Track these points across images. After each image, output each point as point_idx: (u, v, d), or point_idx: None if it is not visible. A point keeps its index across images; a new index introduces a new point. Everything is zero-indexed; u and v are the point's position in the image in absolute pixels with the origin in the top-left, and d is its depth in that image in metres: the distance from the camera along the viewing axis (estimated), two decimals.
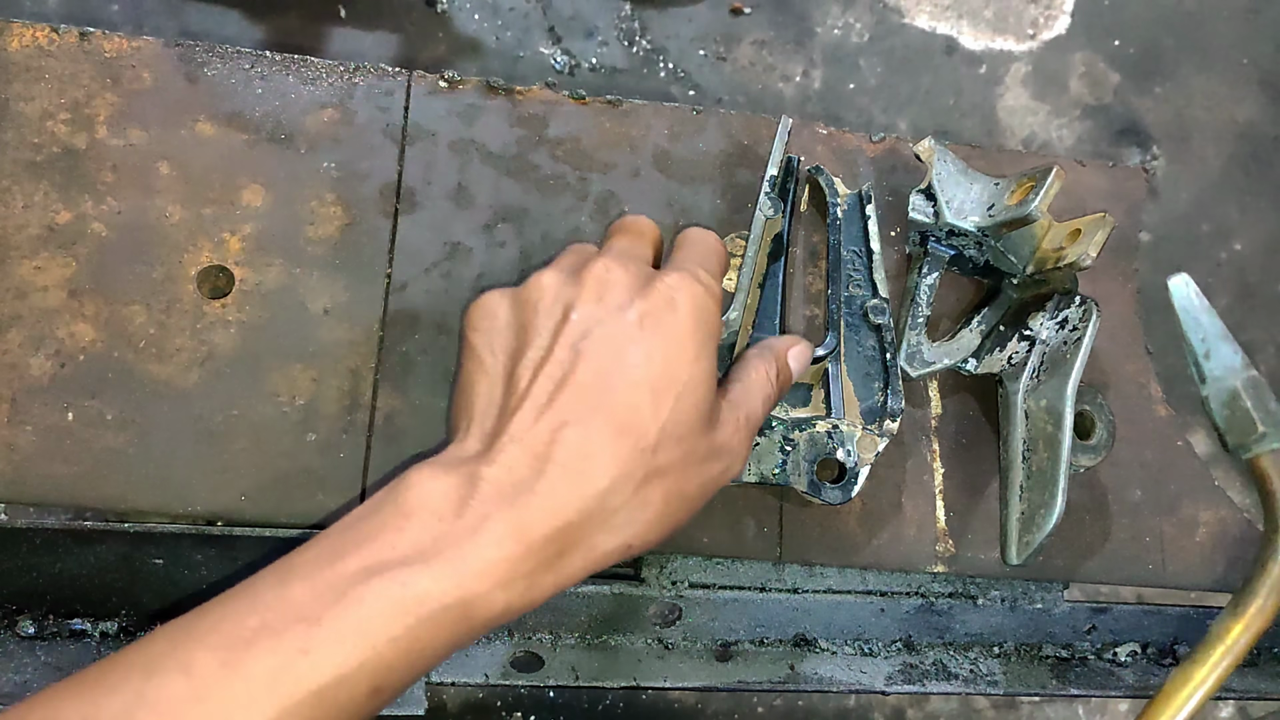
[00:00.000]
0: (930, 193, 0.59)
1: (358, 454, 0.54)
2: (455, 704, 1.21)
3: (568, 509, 0.41)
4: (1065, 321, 0.58)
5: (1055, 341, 0.58)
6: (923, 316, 0.60)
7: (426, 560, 0.39)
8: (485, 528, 0.40)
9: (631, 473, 0.42)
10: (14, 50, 0.56)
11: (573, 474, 0.41)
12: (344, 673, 0.37)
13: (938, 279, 0.60)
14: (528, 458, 0.42)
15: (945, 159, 0.59)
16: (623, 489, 0.42)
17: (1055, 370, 0.57)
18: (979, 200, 0.58)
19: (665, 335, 0.44)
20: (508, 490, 0.41)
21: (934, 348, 0.60)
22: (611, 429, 0.42)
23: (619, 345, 0.43)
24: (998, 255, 0.59)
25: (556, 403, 0.42)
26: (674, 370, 0.43)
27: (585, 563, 0.43)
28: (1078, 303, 0.58)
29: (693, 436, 0.44)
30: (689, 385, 0.44)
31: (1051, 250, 0.57)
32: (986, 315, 0.61)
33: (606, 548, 0.43)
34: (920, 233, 0.61)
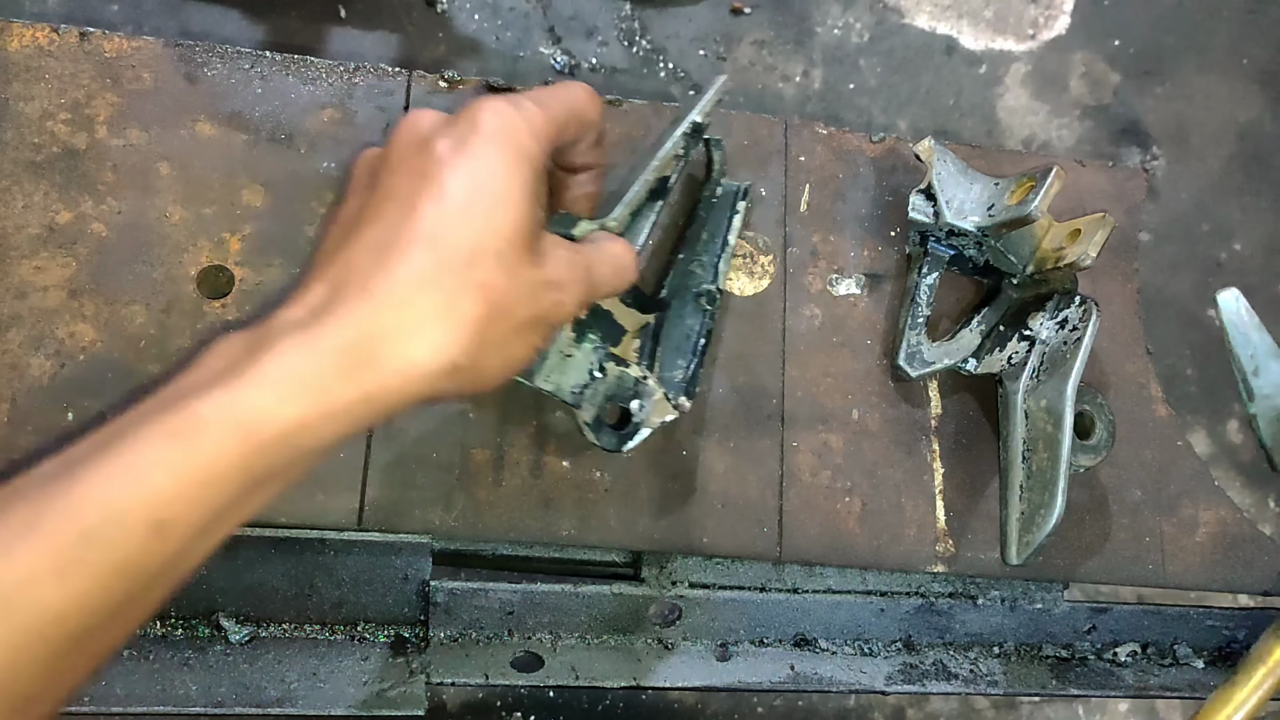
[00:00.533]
0: (930, 193, 0.59)
1: (358, 454, 0.54)
2: (455, 704, 1.21)
3: (361, 318, 0.39)
4: (1065, 321, 0.58)
5: (1055, 341, 0.58)
6: (923, 316, 0.60)
7: (202, 391, 0.37)
8: (267, 348, 0.38)
9: (439, 282, 0.40)
10: (14, 50, 0.56)
11: (368, 289, 0.40)
12: (112, 510, 0.35)
13: (938, 279, 0.60)
14: (324, 289, 0.40)
15: (945, 159, 0.59)
16: (428, 298, 0.40)
17: (1055, 370, 0.57)
18: (979, 200, 0.58)
19: (470, 155, 0.42)
20: (300, 319, 0.40)
21: (934, 348, 0.60)
22: (416, 246, 0.41)
23: (423, 175, 0.42)
24: (998, 255, 0.59)
25: (356, 239, 0.41)
26: (480, 187, 0.42)
27: (396, 374, 0.40)
28: (1078, 303, 0.58)
29: (512, 252, 0.42)
30: (498, 201, 0.42)
31: (1051, 250, 0.57)
32: (986, 315, 0.61)
33: (417, 356, 0.40)
34: (920, 233, 0.61)
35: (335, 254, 0.42)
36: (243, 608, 0.54)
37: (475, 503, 0.55)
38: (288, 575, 0.54)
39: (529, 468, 0.56)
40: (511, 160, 0.43)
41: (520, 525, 0.55)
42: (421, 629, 0.55)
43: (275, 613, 0.54)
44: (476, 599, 0.55)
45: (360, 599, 0.55)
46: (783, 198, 0.62)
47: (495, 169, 0.43)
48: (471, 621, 0.56)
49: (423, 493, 0.55)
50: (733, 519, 0.57)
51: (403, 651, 0.55)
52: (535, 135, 0.45)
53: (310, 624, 0.55)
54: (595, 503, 0.56)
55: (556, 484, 0.56)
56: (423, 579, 0.54)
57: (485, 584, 0.55)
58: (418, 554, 0.54)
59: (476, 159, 0.43)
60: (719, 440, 0.58)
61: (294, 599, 0.54)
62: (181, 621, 0.53)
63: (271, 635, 0.54)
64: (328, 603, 0.54)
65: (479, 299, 0.41)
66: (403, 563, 0.54)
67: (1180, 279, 1.46)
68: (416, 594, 0.55)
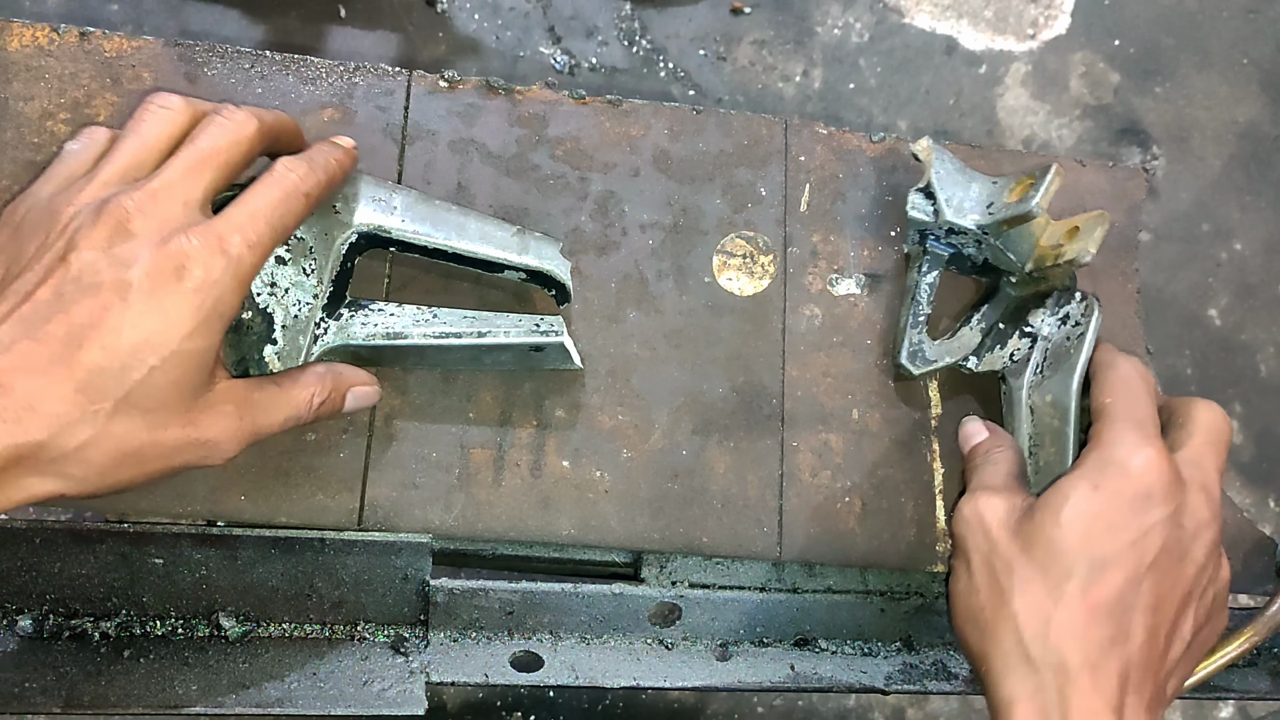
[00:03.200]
0: (929, 191, 0.59)
1: (358, 454, 0.54)
2: (455, 704, 1.21)
3: (7, 436, 0.39)
4: (1067, 317, 0.58)
5: (1058, 337, 0.58)
6: (924, 314, 0.60)
7: None
8: None
9: (75, 431, 0.40)
10: (14, 50, 0.56)
11: (11, 419, 0.39)
12: None
13: (938, 277, 0.60)
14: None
15: (944, 158, 0.59)
16: (63, 443, 0.40)
17: (1059, 365, 0.57)
18: (978, 198, 0.59)
19: (161, 304, 0.41)
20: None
21: (935, 346, 0.59)
22: (69, 385, 0.40)
23: (106, 303, 0.41)
24: (997, 253, 0.59)
25: (19, 348, 0.40)
26: (158, 341, 0.41)
27: (14, 499, 0.41)
28: (1079, 298, 0.58)
29: (164, 412, 0.42)
30: (171, 361, 0.42)
31: (1050, 248, 0.57)
32: (986, 313, 0.61)
33: (37, 490, 0.41)
34: (919, 231, 0.61)
35: (1, 328, 0.41)
36: (242, 607, 0.54)
37: (475, 503, 0.55)
38: (287, 575, 0.54)
39: (529, 468, 0.56)
40: (207, 320, 0.42)
41: (520, 525, 0.55)
42: (421, 629, 0.55)
43: (275, 613, 0.54)
44: (476, 599, 0.55)
45: (360, 599, 0.55)
46: (783, 198, 0.62)
47: (182, 327, 0.42)
48: (471, 621, 0.56)
49: (423, 493, 0.55)
50: (733, 519, 0.57)
51: (403, 651, 0.55)
52: (240, 280, 0.43)
53: (310, 624, 0.55)
54: (595, 503, 0.56)
55: (556, 484, 0.56)
56: (423, 579, 0.54)
57: (485, 584, 0.55)
58: (418, 554, 0.54)
59: (165, 310, 0.41)
60: (719, 440, 0.58)
61: (294, 599, 0.54)
62: (181, 621, 0.53)
63: (271, 635, 0.54)
64: (327, 602, 0.54)
65: (110, 450, 0.42)
66: (403, 563, 0.54)
67: (1180, 279, 1.46)
68: (416, 594, 0.55)
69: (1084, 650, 0.44)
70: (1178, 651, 0.48)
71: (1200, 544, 0.48)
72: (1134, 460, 0.47)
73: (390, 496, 0.54)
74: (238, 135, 0.46)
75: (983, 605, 0.47)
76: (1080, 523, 0.46)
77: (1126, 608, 0.45)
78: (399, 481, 0.55)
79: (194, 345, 0.42)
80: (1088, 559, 0.45)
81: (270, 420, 0.47)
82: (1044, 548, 0.46)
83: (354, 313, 0.52)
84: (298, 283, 0.51)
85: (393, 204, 0.52)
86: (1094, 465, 0.48)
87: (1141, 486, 0.46)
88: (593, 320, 0.58)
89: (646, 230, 0.60)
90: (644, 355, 0.58)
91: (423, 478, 0.55)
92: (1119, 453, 0.47)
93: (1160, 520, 0.46)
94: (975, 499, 0.50)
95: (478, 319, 0.53)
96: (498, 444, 0.56)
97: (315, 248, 0.51)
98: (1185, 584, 0.48)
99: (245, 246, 0.43)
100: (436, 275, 0.57)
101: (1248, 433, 1.45)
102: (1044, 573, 0.46)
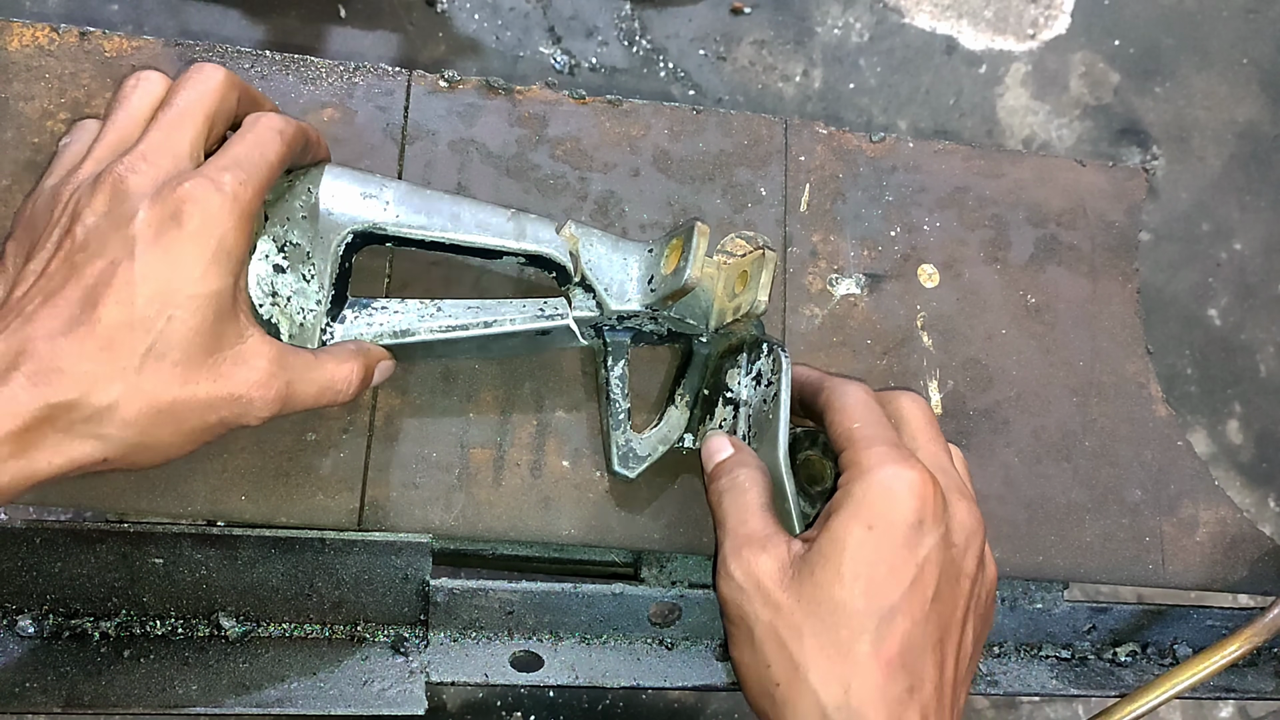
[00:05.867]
0: (586, 284, 0.53)
1: (358, 454, 0.54)
2: (455, 704, 1.21)
3: (28, 411, 0.40)
4: (760, 376, 0.53)
5: (756, 401, 0.53)
6: (623, 412, 0.55)
7: None
8: None
9: (106, 388, 0.41)
10: (14, 50, 0.56)
11: (40, 381, 0.40)
12: None
13: (626, 366, 0.56)
14: (6, 347, 0.41)
15: (591, 240, 0.53)
16: (95, 400, 0.41)
17: (763, 434, 0.52)
18: (637, 275, 0.53)
19: (167, 252, 0.42)
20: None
21: (645, 439, 0.56)
22: (92, 344, 0.41)
23: (115, 260, 0.42)
24: (676, 322, 0.55)
25: (40, 315, 0.41)
26: (171, 289, 0.42)
27: (56, 463, 0.41)
28: (765, 351, 0.53)
29: (192, 364, 0.43)
30: (189, 307, 0.42)
31: (728, 299, 0.53)
32: (687, 384, 0.57)
33: (77, 453, 0.42)
34: (592, 326, 0.55)
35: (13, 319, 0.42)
36: (242, 607, 0.54)
37: (475, 503, 0.55)
38: (287, 575, 0.54)
39: (529, 468, 0.56)
40: (216, 260, 0.43)
41: (520, 525, 0.55)
42: (421, 629, 0.55)
43: (275, 613, 0.54)
44: (476, 599, 0.55)
45: (360, 599, 0.55)
46: (783, 198, 0.62)
47: (191, 270, 0.42)
48: (471, 621, 0.56)
49: (423, 493, 0.55)
50: None
51: (403, 651, 0.55)
52: (240, 216, 0.44)
53: (310, 624, 0.55)
54: (595, 503, 0.56)
55: (556, 484, 0.56)
56: (423, 579, 0.54)
57: (485, 584, 0.55)
58: (418, 554, 0.54)
59: (172, 256, 0.42)
60: None
61: (294, 599, 0.54)
62: (181, 621, 0.53)
63: (271, 635, 0.54)
64: (327, 602, 0.54)
65: (145, 405, 0.42)
66: (403, 563, 0.54)
67: (1180, 279, 1.46)
68: (416, 594, 0.55)
69: (886, 709, 0.43)
70: (963, 668, 0.47)
71: (970, 555, 0.47)
72: (899, 486, 0.45)
73: (390, 496, 0.54)
74: (208, 85, 0.47)
75: (777, 680, 0.45)
76: (863, 574, 0.44)
77: (918, 653, 0.44)
78: (399, 481, 0.55)
79: (208, 287, 0.43)
80: (875, 614, 0.44)
81: (306, 388, 0.47)
82: (830, 609, 0.44)
83: (358, 312, 0.52)
84: (299, 290, 0.50)
85: (384, 199, 0.51)
86: (861, 498, 0.45)
87: (913, 516, 0.45)
88: None
89: (646, 230, 0.60)
90: (644, 354, 0.58)
91: (423, 478, 0.55)
92: (883, 478, 0.45)
93: (934, 547, 0.45)
94: (742, 558, 0.47)
95: (482, 308, 0.53)
96: (498, 444, 0.56)
97: (312, 252, 0.50)
98: (963, 602, 0.47)
99: (237, 183, 0.44)
100: (437, 271, 0.57)
101: (1248, 433, 1.45)
102: (834, 635, 0.44)
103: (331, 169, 0.51)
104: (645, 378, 0.58)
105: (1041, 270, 0.65)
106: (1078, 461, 0.62)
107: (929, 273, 0.63)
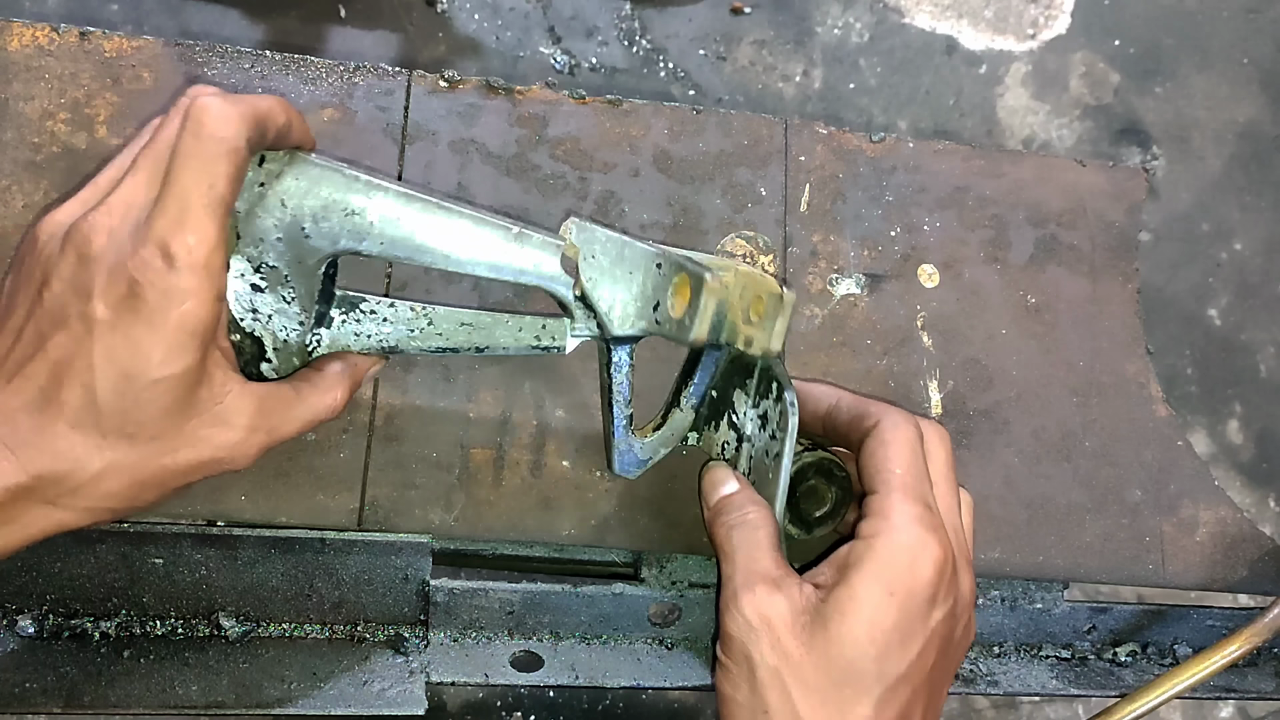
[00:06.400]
0: (587, 301, 0.48)
1: (358, 454, 0.54)
2: (455, 704, 1.21)
3: (11, 481, 0.40)
4: (766, 419, 0.50)
5: (759, 444, 0.51)
6: (625, 416, 0.52)
7: None
8: None
9: (84, 464, 0.41)
10: (14, 50, 0.56)
11: (19, 452, 0.40)
12: None
13: (630, 370, 0.51)
14: None
15: (593, 244, 0.48)
16: (76, 477, 0.41)
17: (762, 484, 0.50)
18: (642, 295, 0.48)
19: (126, 334, 0.40)
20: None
21: (647, 442, 0.53)
22: (61, 423, 0.40)
23: (77, 338, 0.40)
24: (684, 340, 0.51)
25: (15, 385, 0.41)
26: (134, 373, 0.40)
27: (36, 530, 0.42)
28: (775, 393, 0.50)
29: (169, 438, 0.42)
30: (155, 390, 0.41)
31: (742, 319, 0.50)
32: (695, 387, 0.55)
33: (60, 521, 0.42)
34: None
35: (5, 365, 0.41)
36: (242, 607, 0.54)
37: (475, 503, 0.55)
38: (287, 575, 0.54)
39: (529, 468, 0.56)
40: (170, 342, 0.40)
41: (520, 525, 0.55)
42: (421, 629, 0.55)
43: (275, 613, 0.54)
44: (476, 599, 0.55)
45: (360, 599, 0.55)
46: (783, 198, 0.62)
47: (151, 355, 0.40)
48: (471, 621, 0.56)
49: (423, 493, 0.55)
50: None
51: (403, 651, 0.55)
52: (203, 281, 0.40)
53: (310, 624, 0.55)
54: (595, 503, 0.56)
55: (556, 484, 0.56)
56: (423, 579, 0.54)
57: (485, 584, 0.55)
58: (418, 554, 0.54)
59: (131, 341, 0.40)
60: None
61: (294, 599, 0.54)
62: (181, 621, 0.53)
63: (271, 635, 0.54)
64: (327, 603, 0.54)
65: (126, 480, 0.42)
66: (403, 563, 0.54)
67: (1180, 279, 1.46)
68: (416, 594, 0.55)
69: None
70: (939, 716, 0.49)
71: (964, 624, 0.49)
72: (925, 558, 0.45)
73: (390, 496, 0.54)
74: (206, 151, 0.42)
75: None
76: (878, 640, 0.44)
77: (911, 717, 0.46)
78: (399, 481, 0.55)
79: (171, 370, 0.41)
80: (882, 680, 0.45)
81: (289, 426, 0.47)
82: (840, 666, 0.44)
83: (345, 314, 0.50)
84: (280, 310, 0.48)
85: (370, 216, 0.45)
86: (887, 561, 0.45)
87: (931, 590, 0.45)
88: None
89: (646, 230, 0.60)
90: (644, 354, 0.58)
91: (423, 478, 0.55)
92: (911, 544, 0.45)
93: (941, 619, 0.46)
94: (755, 596, 0.46)
95: (476, 327, 0.50)
96: (498, 444, 0.56)
97: (291, 276, 0.47)
98: (952, 668, 0.49)
99: (186, 248, 0.40)
100: (437, 270, 0.57)
101: (1248, 433, 1.45)
102: (839, 693, 0.44)
103: (308, 171, 0.45)
104: (648, 376, 0.58)
105: (1041, 270, 0.65)
106: (1078, 461, 0.62)
107: (929, 273, 0.63)
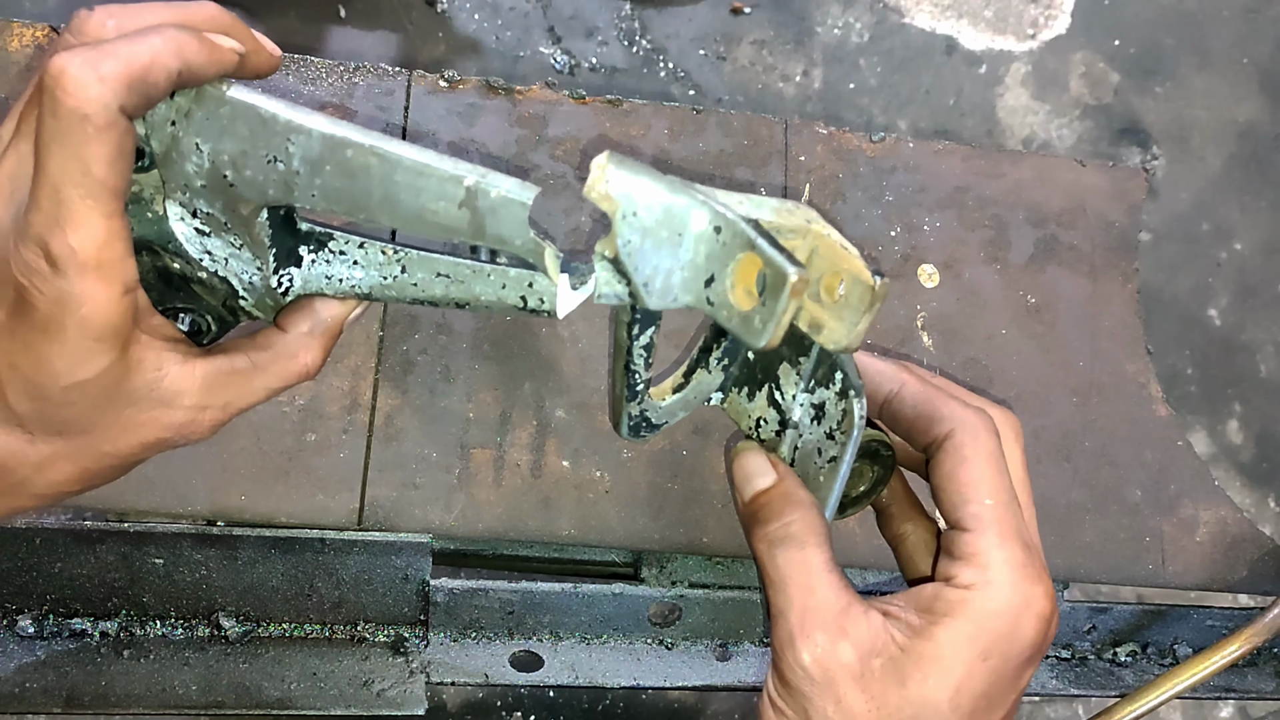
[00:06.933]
0: (620, 267, 0.39)
1: (358, 454, 0.54)
2: (455, 704, 1.21)
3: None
4: (822, 411, 0.43)
5: (810, 438, 0.44)
6: (642, 383, 0.45)
7: None
8: None
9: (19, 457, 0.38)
10: (14, 50, 0.56)
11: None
12: None
13: (654, 334, 0.43)
14: None
15: (633, 196, 0.38)
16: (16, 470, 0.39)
17: (809, 484, 0.44)
18: (693, 265, 0.39)
19: (25, 347, 0.36)
20: None
21: (663, 406, 0.47)
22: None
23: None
24: None
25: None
26: (41, 384, 0.37)
27: None
28: (839, 384, 0.42)
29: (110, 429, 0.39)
30: (76, 392, 0.37)
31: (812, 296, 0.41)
32: (729, 346, 0.47)
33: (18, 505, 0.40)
34: None
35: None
36: (242, 608, 0.54)
37: (475, 503, 0.55)
38: (287, 575, 0.54)
39: (529, 468, 0.56)
40: (72, 350, 0.36)
41: (520, 525, 0.55)
42: (421, 629, 0.55)
43: (275, 613, 0.54)
44: (476, 599, 0.55)
45: (360, 599, 0.55)
46: (783, 198, 0.62)
47: (55, 365, 0.36)
48: (471, 621, 0.56)
49: (423, 493, 0.55)
50: (733, 519, 0.57)
51: (403, 651, 0.55)
52: (99, 278, 0.35)
53: (310, 624, 0.55)
54: (595, 503, 0.56)
55: (556, 484, 0.56)
56: (423, 579, 0.54)
57: (485, 584, 0.55)
58: (418, 554, 0.54)
59: (32, 352, 0.36)
60: (719, 440, 0.58)
61: (294, 599, 0.54)
62: (181, 621, 0.53)
63: (271, 635, 0.54)
64: (327, 602, 0.54)
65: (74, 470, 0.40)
66: (403, 563, 0.54)
67: (1180, 279, 1.46)
68: (416, 594, 0.55)
69: None
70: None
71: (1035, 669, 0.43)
72: (1029, 619, 0.39)
73: (390, 496, 0.54)
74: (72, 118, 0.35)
75: None
76: (963, 707, 0.39)
77: None
78: (399, 481, 0.55)
79: (85, 375, 0.37)
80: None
81: (248, 398, 0.43)
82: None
83: (315, 253, 0.44)
84: (233, 254, 0.42)
85: (293, 164, 0.39)
86: (984, 623, 0.39)
87: (1031, 652, 0.40)
88: (593, 319, 0.58)
89: None
90: None
91: (423, 478, 0.55)
92: (1014, 604, 0.39)
93: (1033, 672, 0.41)
94: (814, 642, 0.40)
95: (454, 279, 0.43)
96: (498, 444, 0.56)
97: (231, 223, 0.41)
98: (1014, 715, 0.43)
99: (69, 250, 0.34)
100: None
101: (1248, 433, 1.45)
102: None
103: (218, 110, 0.38)
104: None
105: (1041, 270, 0.65)
106: (1078, 461, 0.62)
107: (929, 273, 0.63)
